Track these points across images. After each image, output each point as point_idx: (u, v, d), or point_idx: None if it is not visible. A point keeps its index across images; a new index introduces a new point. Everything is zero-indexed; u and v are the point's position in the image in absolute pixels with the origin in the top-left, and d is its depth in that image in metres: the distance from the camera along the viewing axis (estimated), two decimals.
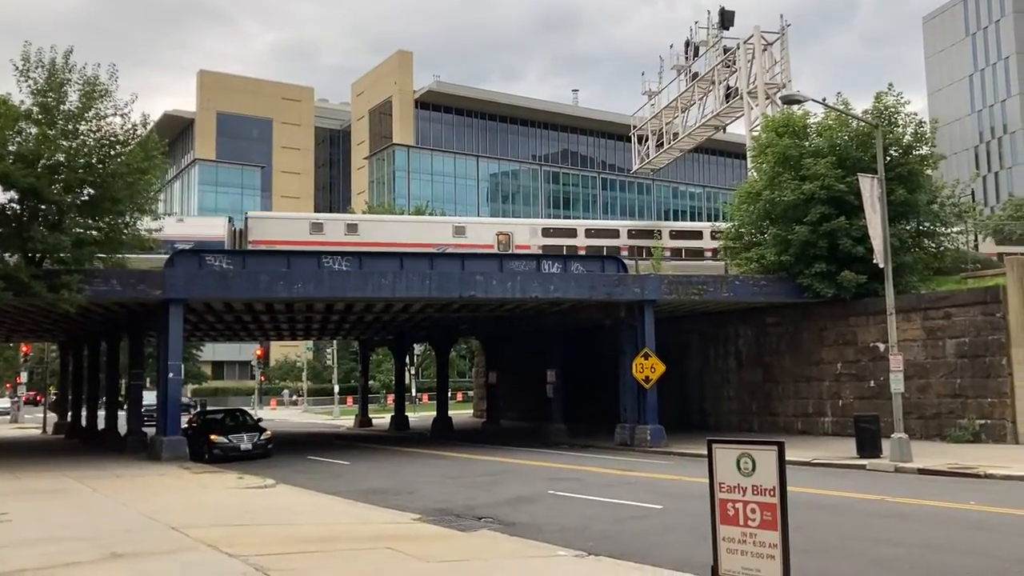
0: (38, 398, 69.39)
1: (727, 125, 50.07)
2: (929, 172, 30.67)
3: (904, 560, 10.86)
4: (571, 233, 40.33)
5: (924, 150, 30.33)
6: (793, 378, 31.03)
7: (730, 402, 33.78)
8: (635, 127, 54.63)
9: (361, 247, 32.66)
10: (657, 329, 29.06)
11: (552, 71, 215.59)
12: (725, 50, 46.69)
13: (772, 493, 6.98)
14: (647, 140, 53.02)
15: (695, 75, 48.71)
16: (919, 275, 29.28)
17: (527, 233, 39.31)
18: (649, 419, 28.52)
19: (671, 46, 50.99)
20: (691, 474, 19.42)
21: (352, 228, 37.04)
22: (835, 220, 28.45)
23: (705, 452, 7.38)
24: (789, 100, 26.80)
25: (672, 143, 51.48)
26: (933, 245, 30.73)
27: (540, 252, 35.81)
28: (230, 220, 38.60)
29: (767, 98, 43.52)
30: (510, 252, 36.17)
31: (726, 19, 46.85)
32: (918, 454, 21.17)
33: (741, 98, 45.18)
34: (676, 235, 41.13)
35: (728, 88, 46.65)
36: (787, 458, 7.13)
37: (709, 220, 74.74)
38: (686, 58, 49.26)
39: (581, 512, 15.00)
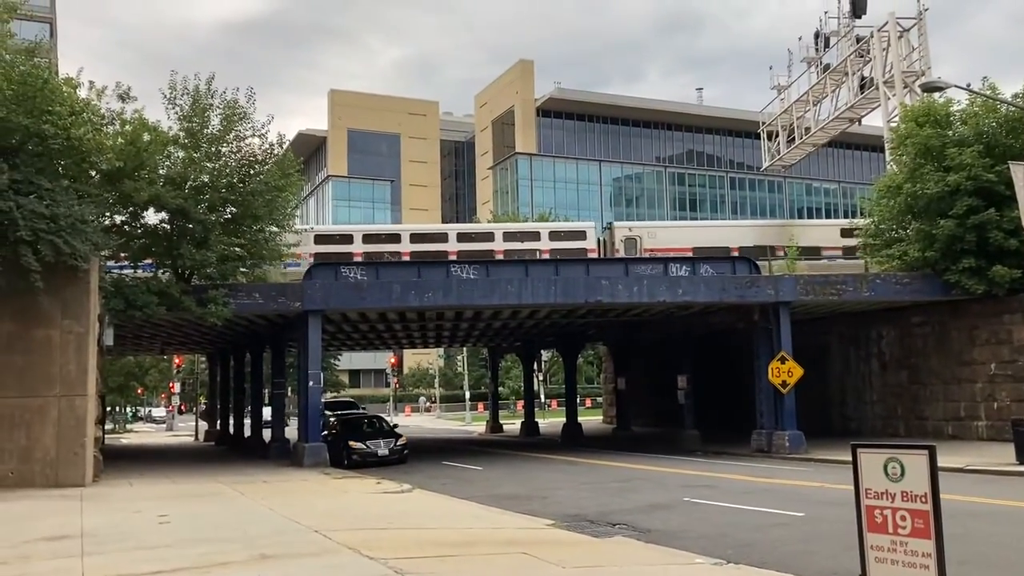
0: (182, 408, 73.33)
1: (862, 117, 47.96)
2: None
3: None
4: None
5: None
6: (942, 380, 29.39)
7: (873, 406, 32.30)
8: (764, 123, 53.12)
9: None
10: (793, 331, 28.12)
11: (674, 71, 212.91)
12: (858, 39, 44.79)
13: (924, 500, 6.63)
14: (777, 136, 51.45)
15: (826, 67, 46.96)
16: None
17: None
18: (787, 424, 27.61)
19: (800, 38, 49.43)
20: (833, 481, 18.66)
21: None
22: (984, 212, 26.86)
23: (847, 458, 7.07)
24: (930, 88, 25.49)
25: (804, 138, 49.76)
26: None
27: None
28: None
29: (905, 87, 41.48)
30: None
31: (858, 7, 44.93)
32: None
33: (877, 88, 43.21)
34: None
35: (862, 79, 44.72)
36: (938, 464, 6.75)
37: (845, 217, 71.78)
38: (816, 50, 47.55)
39: (718, 519, 14.65)
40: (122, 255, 26.28)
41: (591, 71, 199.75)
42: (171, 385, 65.35)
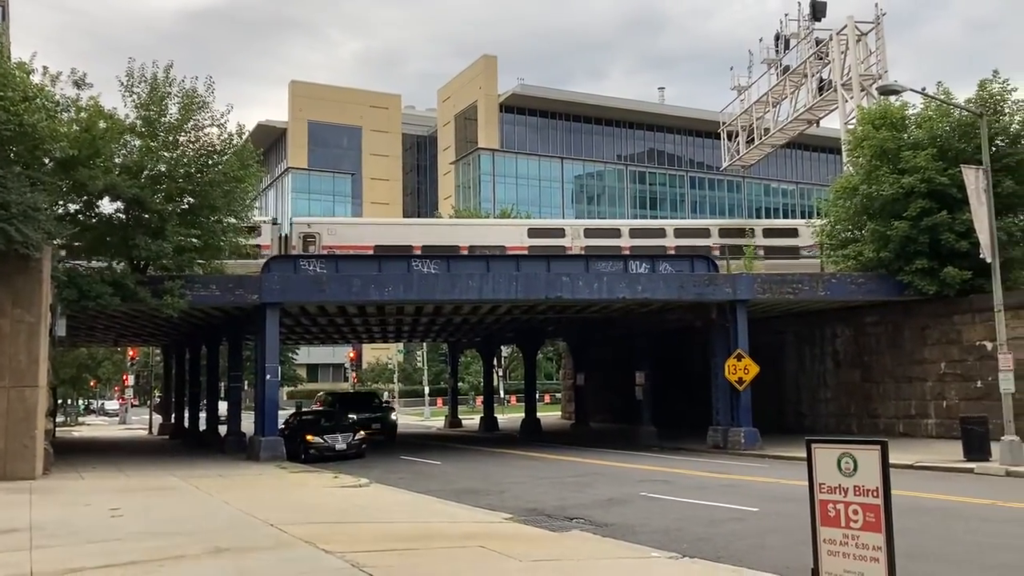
0: (133, 402, 72.25)
1: (820, 119, 48.68)
2: None
3: (1019, 568, 10.35)
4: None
5: None
6: (894, 379, 29.97)
7: (827, 404, 32.83)
8: (724, 123, 53.68)
9: None
10: (750, 329, 28.47)
11: (637, 70, 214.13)
12: (817, 42, 45.46)
13: (875, 494, 6.76)
14: (737, 136, 52.03)
15: (786, 68, 47.58)
16: None
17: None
18: (742, 421, 27.96)
19: (760, 40, 49.92)
20: (787, 477, 18.94)
21: None
22: (937, 215, 27.39)
23: (802, 455, 7.20)
24: (886, 91, 25.97)
25: (763, 139, 50.38)
26: None
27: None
28: None
29: (862, 90, 42.17)
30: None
31: (818, 10, 45.59)
32: None
33: (835, 91, 43.89)
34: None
35: (821, 81, 45.40)
36: (889, 460, 6.89)
37: (803, 217, 72.79)
38: (776, 51, 48.15)
39: (674, 514, 14.79)
40: (76, 244, 25.77)
41: (555, 68, 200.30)
42: (125, 377, 64.37)
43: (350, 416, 33.73)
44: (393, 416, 30.50)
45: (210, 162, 26.59)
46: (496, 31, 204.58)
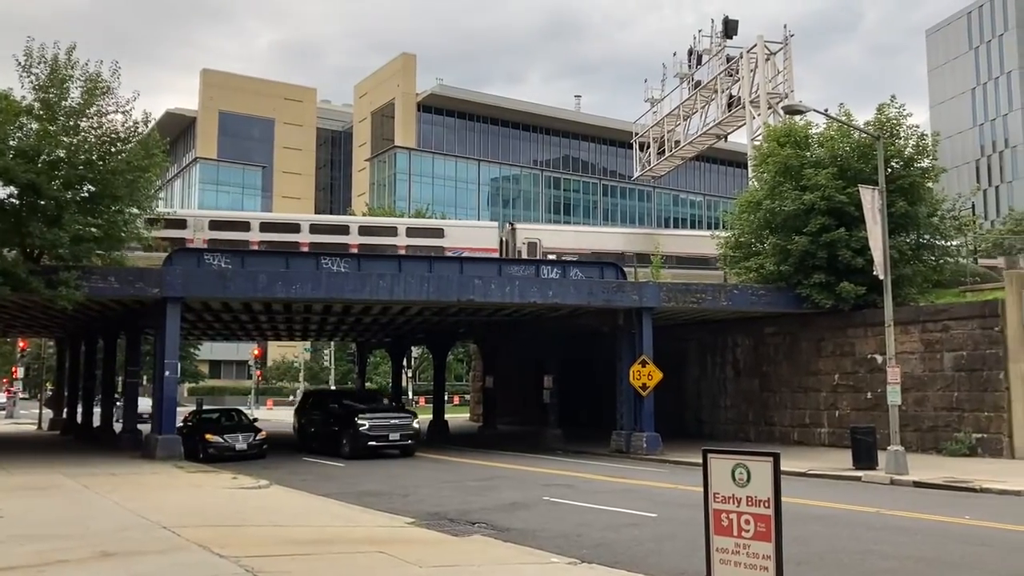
0: (22, 395, 69.12)
1: (729, 134, 50.14)
2: (930, 185, 30.64)
3: (897, 573, 10.83)
4: None
5: (925, 163, 30.31)
6: (790, 388, 31.00)
7: (727, 411, 33.74)
8: (637, 134, 54.72)
9: None
10: (655, 336, 29.03)
11: (555, 76, 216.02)
12: (728, 59, 46.78)
13: (767, 504, 6.95)
14: (649, 147, 53.10)
15: (698, 83, 48.81)
16: (918, 287, 29.25)
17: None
18: (645, 426, 28.48)
19: (674, 54, 51.11)
20: (686, 482, 19.37)
21: None
22: (835, 231, 28.43)
23: (701, 460, 7.35)
24: (791, 111, 26.91)
25: (673, 151, 51.56)
26: (933, 258, 30.69)
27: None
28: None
29: (769, 108, 43.57)
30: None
31: (730, 28, 46.95)
32: (914, 467, 21.13)
33: (743, 107, 45.23)
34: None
35: (730, 97, 46.73)
36: (783, 468, 7.10)
37: (709, 228, 74.72)
38: (689, 66, 49.37)
39: (575, 519, 14.96)
40: None
41: (473, 69, 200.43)
42: (14, 370, 61.51)
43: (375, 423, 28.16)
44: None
45: (113, 150, 25.67)
46: (415, 28, 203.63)
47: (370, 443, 27.45)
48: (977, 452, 25.00)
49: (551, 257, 35.48)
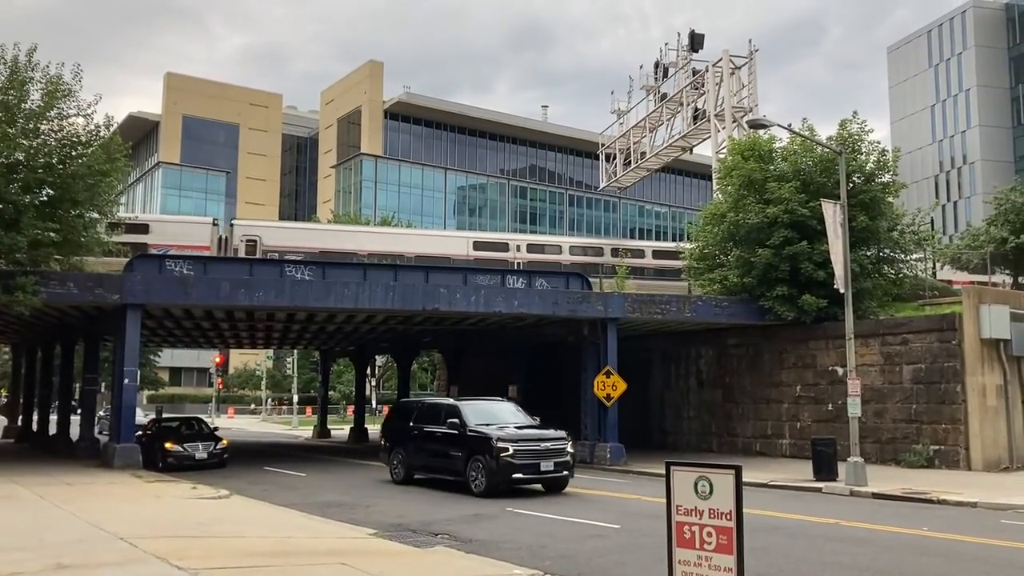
0: None
1: (694, 146, 50.66)
2: (891, 200, 31.17)
3: None
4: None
5: (886, 178, 30.83)
6: (753, 399, 31.28)
7: (690, 422, 33.94)
8: (603, 145, 55.05)
9: None
10: (620, 347, 29.15)
11: (523, 86, 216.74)
12: (694, 72, 47.26)
13: (728, 517, 7.01)
14: (615, 158, 53.43)
15: (664, 96, 49.24)
16: (878, 301, 29.70)
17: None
18: (609, 437, 28.56)
19: (641, 66, 51.52)
20: (650, 494, 19.44)
21: None
22: (797, 244, 28.79)
23: (664, 472, 7.38)
24: (755, 125, 27.19)
25: (639, 162, 51.93)
26: (892, 272, 31.22)
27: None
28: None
29: (734, 121, 44.06)
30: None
31: (696, 42, 47.46)
32: (873, 478, 21.41)
33: (708, 120, 45.71)
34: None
35: (696, 110, 47.20)
36: (745, 479, 7.18)
37: (674, 240, 75.30)
38: (655, 79, 49.78)
39: (539, 530, 14.94)
40: None
41: (441, 78, 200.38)
42: None
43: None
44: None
45: (73, 153, 25.24)
46: (383, 36, 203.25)
47: (515, 475, 19.87)
48: (935, 464, 25.41)
49: (272, 256, 34.19)
